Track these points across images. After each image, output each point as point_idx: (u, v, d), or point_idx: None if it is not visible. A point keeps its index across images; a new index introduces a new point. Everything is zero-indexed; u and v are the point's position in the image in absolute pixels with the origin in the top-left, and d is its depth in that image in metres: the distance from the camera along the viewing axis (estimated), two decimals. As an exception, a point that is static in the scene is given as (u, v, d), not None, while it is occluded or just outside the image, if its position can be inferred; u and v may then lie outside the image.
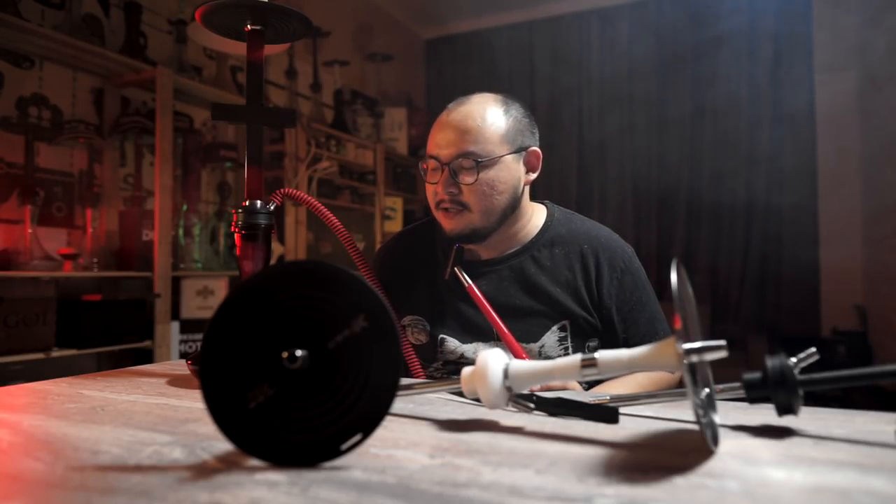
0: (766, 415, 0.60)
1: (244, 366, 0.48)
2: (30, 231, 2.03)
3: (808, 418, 0.59)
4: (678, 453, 0.49)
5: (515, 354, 0.93)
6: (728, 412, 0.63)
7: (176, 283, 2.42)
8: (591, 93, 4.42)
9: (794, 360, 0.55)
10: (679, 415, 0.62)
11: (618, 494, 0.40)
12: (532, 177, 1.10)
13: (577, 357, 0.54)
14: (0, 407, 0.67)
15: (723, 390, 0.59)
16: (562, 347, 1.05)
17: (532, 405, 0.61)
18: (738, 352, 3.51)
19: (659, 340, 0.51)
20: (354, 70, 4.06)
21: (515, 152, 1.05)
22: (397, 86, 4.52)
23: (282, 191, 0.93)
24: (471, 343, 1.08)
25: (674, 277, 0.48)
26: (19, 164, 2.10)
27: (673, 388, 1.08)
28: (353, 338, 0.48)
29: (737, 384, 0.57)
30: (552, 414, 0.62)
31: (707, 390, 0.55)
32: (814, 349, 0.56)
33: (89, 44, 2.19)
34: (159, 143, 2.34)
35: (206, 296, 2.50)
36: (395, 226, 3.86)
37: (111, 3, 2.47)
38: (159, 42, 2.67)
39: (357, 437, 0.47)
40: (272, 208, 0.85)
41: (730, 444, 0.51)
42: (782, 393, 0.53)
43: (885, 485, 0.41)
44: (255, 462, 0.47)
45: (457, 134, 1.02)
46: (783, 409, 0.54)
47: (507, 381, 0.55)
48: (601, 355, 0.53)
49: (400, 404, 0.68)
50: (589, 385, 1.01)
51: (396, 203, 3.93)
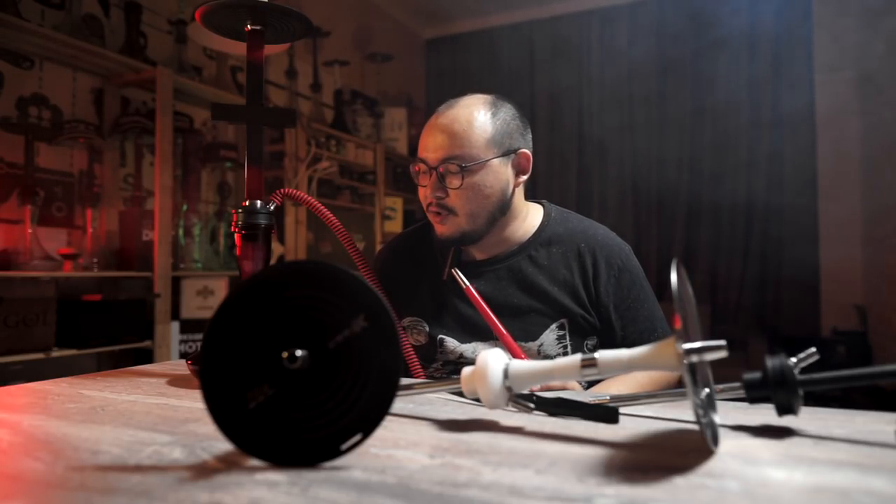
0: (766, 415, 0.60)
1: (244, 366, 0.48)
2: (30, 231, 2.03)
3: (808, 418, 0.59)
4: (678, 453, 0.49)
5: (513, 354, 0.93)
6: (728, 412, 0.63)
7: (176, 283, 2.42)
8: (591, 93, 4.42)
9: (794, 360, 0.55)
10: (679, 415, 0.62)
11: (618, 494, 0.40)
12: (522, 179, 1.10)
13: (576, 357, 0.54)
14: (0, 407, 0.67)
15: (723, 390, 0.59)
16: (560, 346, 1.05)
17: (532, 405, 0.61)
18: (738, 352, 3.51)
19: (657, 338, 0.51)
20: (354, 70, 4.06)
21: (503, 155, 1.05)
22: (397, 86, 4.52)
23: (282, 191, 0.93)
24: (470, 343, 1.08)
25: (674, 277, 0.48)
26: (19, 164, 2.10)
27: (673, 387, 1.08)
28: (354, 338, 0.48)
29: (737, 384, 0.57)
30: (552, 414, 0.62)
31: (707, 390, 0.55)
32: (814, 349, 0.57)
33: (89, 44, 2.19)
34: (159, 143, 2.34)
35: (206, 296, 2.50)
36: (395, 226, 3.85)
37: (111, 3, 2.47)
38: (159, 42, 2.67)
39: (357, 437, 0.47)
40: (272, 208, 0.85)
41: (730, 444, 0.51)
42: (782, 393, 0.53)
43: (885, 485, 0.41)
44: (255, 462, 0.47)
45: (443, 138, 1.03)
46: (783, 409, 0.54)
47: (507, 381, 0.55)
48: (601, 355, 0.53)
49: (400, 404, 0.68)
50: (588, 384, 1.01)
51: (396, 203, 3.93)
